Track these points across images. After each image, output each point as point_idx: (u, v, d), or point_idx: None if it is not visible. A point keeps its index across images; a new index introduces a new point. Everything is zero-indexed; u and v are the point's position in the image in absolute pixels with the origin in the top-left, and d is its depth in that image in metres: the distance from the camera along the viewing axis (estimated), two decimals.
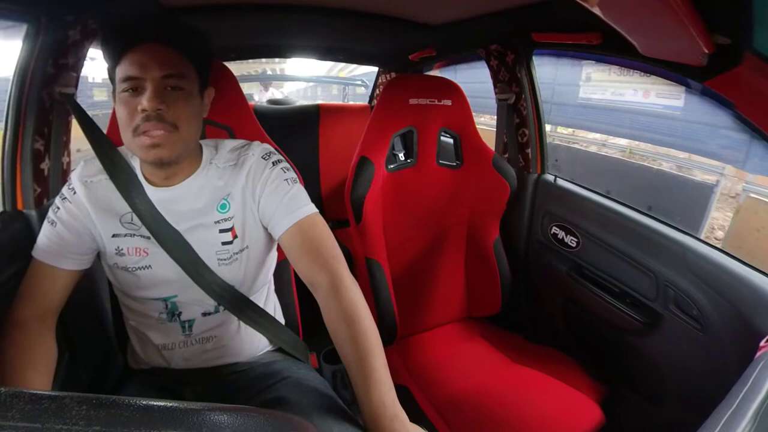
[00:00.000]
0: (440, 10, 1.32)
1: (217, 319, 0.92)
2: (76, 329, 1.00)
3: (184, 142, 0.79)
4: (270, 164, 0.89)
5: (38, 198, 0.99)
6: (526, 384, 1.22)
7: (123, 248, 0.85)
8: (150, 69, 0.74)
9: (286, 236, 0.85)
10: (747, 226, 3.53)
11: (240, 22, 1.51)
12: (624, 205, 1.29)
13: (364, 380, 0.70)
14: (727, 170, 4.18)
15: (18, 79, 0.94)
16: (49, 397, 0.28)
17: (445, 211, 1.49)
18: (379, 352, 0.73)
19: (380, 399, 0.68)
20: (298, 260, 0.84)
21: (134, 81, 0.75)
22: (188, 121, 0.78)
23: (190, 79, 0.79)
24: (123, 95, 0.76)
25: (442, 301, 1.53)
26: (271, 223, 0.87)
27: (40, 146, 0.99)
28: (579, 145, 6.49)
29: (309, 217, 0.86)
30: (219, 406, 0.32)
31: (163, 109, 0.74)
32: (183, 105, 0.77)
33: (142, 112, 0.73)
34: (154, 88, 0.74)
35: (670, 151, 5.37)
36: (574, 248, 1.39)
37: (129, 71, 0.75)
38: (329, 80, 6.34)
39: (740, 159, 4.00)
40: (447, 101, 1.39)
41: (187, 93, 0.79)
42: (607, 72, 6.12)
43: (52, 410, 0.27)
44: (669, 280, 1.12)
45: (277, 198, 0.86)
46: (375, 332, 0.76)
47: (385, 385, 0.70)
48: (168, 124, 0.75)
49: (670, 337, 1.14)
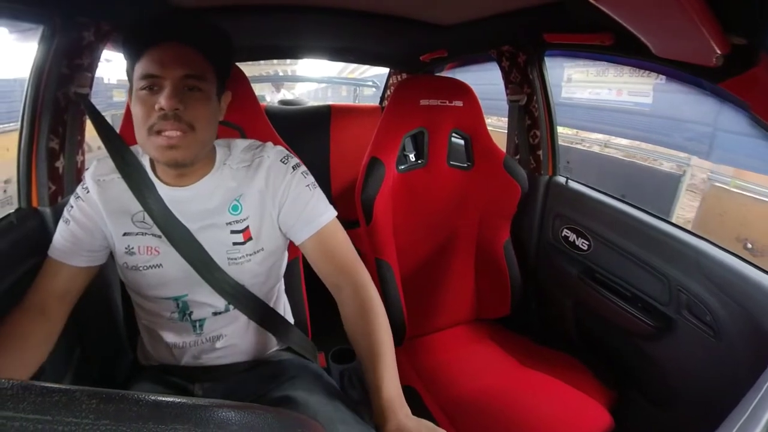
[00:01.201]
0: (452, 11, 1.32)
1: (228, 318, 0.93)
2: (88, 325, 1.02)
3: (200, 144, 0.79)
4: (290, 169, 0.89)
5: (53, 195, 1.01)
6: (534, 387, 1.21)
7: (134, 247, 0.85)
8: (170, 68, 0.74)
9: (308, 243, 0.89)
10: (712, 212, 3.92)
11: (252, 23, 1.51)
12: (637, 208, 1.27)
13: (377, 373, 0.75)
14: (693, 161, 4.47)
15: (34, 79, 0.96)
16: (60, 391, 0.28)
17: (455, 212, 1.48)
18: (391, 348, 0.80)
19: (391, 391, 0.73)
20: (320, 265, 0.89)
21: (153, 79, 0.74)
22: (205, 123, 0.78)
23: (209, 80, 0.79)
24: (140, 93, 0.75)
25: (451, 302, 1.52)
26: (293, 230, 0.89)
27: (55, 145, 1.01)
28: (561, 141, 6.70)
29: (329, 224, 0.89)
30: (227, 403, 0.32)
31: (181, 110, 0.73)
32: (201, 106, 0.77)
33: (159, 111, 0.73)
34: (173, 88, 0.73)
35: (642, 144, 5.72)
36: (585, 251, 1.38)
37: (148, 69, 0.74)
38: (340, 81, 6.35)
39: (704, 150, 4.34)
40: (458, 102, 1.38)
41: (206, 95, 0.78)
42: (585, 73, 6.58)
43: (62, 403, 0.27)
44: (682, 285, 1.10)
45: (299, 206, 0.88)
46: (388, 329, 0.82)
47: (395, 379, 0.76)
48: (184, 125, 0.74)
49: (682, 343, 1.12)
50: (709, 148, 4.35)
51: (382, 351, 0.78)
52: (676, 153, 4.81)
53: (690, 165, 4.38)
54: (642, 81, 5.62)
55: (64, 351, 0.84)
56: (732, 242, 1.49)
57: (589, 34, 1.11)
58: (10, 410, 0.26)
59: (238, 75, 1.20)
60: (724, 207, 3.84)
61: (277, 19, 1.48)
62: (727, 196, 3.91)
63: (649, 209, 1.25)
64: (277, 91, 5.25)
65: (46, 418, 0.26)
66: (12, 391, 0.27)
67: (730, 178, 4.02)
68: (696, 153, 4.46)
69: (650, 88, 5.58)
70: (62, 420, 0.27)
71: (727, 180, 4.05)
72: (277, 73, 6.11)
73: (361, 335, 0.81)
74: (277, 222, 0.90)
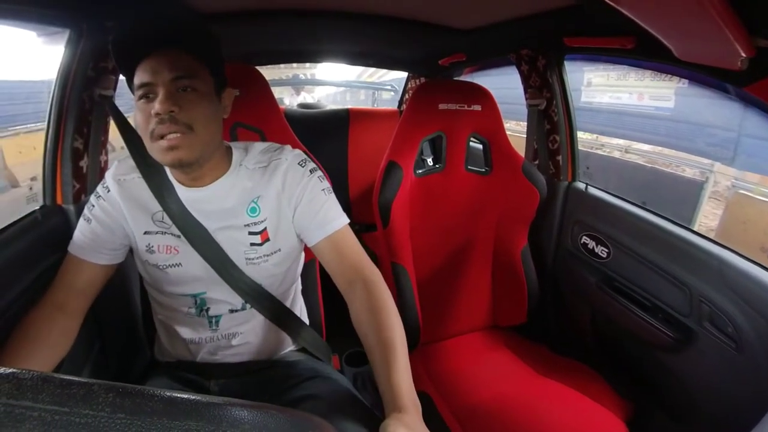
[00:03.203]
0: (471, 15, 1.31)
1: (244, 317, 0.94)
2: (107, 321, 1.05)
3: (201, 143, 0.79)
4: (307, 172, 0.91)
5: (76, 194, 1.04)
6: (550, 397, 1.19)
7: (153, 245, 0.88)
8: (160, 73, 0.75)
9: (320, 246, 0.90)
10: (735, 220, 3.79)
11: (272, 28, 1.53)
12: (658, 216, 1.24)
13: (387, 367, 0.72)
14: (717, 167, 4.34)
15: (60, 81, 0.99)
16: (78, 383, 0.29)
17: (472, 217, 1.47)
18: (402, 344, 0.76)
19: (400, 385, 0.70)
20: (333, 265, 0.90)
21: (147, 87, 0.76)
22: (203, 122, 0.78)
23: (202, 79, 0.80)
24: (139, 103, 0.77)
25: (466, 308, 1.51)
26: (306, 232, 0.91)
27: (80, 145, 1.04)
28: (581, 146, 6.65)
29: (341, 230, 0.90)
30: (240, 402, 0.33)
31: (176, 111, 0.75)
32: (196, 106, 0.77)
33: (156, 116, 0.74)
34: (166, 91, 0.75)
35: (663, 150, 5.60)
36: (604, 259, 1.35)
37: (142, 78, 0.76)
38: (359, 85, 6.37)
39: (728, 156, 4.21)
40: (477, 106, 1.37)
41: (201, 94, 0.79)
42: (606, 77, 6.50)
43: (80, 396, 0.28)
44: (704, 295, 1.07)
45: (313, 209, 0.89)
46: (400, 326, 0.79)
47: (406, 373, 0.72)
48: (182, 126, 0.76)
49: (703, 355, 1.09)
50: (733, 153, 4.24)
51: (394, 344, 0.75)
52: (699, 159, 4.68)
53: (713, 171, 4.25)
54: (663, 85, 5.53)
55: (83, 345, 0.86)
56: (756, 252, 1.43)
57: (610, 37, 1.09)
58: (30, 400, 0.27)
59: (258, 78, 1.21)
60: (747, 215, 3.72)
61: (297, 24, 1.49)
62: (750, 203, 3.78)
63: (669, 217, 1.22)
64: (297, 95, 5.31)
65: (63, 410, 0.27)
66: (32, 382, 0.28)
67: (754, 185, 3.90)
68: (719, 159, 4.33)
69: (672, 92, 5.48)
70: (79, 412, 0.27)
71: (751, 187, 3.91)
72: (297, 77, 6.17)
73: (372, 330, 0.78)
74: (292, 222, 0.91)
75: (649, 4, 0.61)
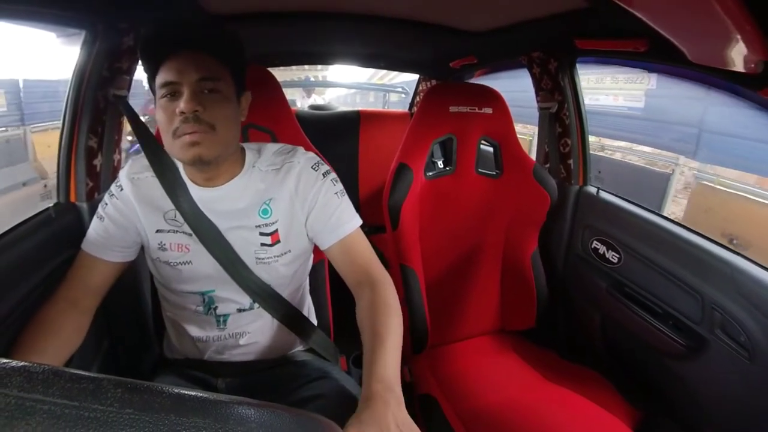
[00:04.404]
0: (482, 17, 1.31)
1: (252, 316, 0.95)
2: (118, 317, 1.06)
3: (222, 143, 0.81)
4: (320, 176, 0.91)
5: (90, 192, 1.06)
6: (557, 403, 1.17)
7: (165, 243, 0.89)
8: (186, 73, 0.77)
9: (333, 248, 0.91)
10: (698, 208, 4.19)
11: (284, 30, 1.54)
12: (670, 221, 1.22)
13: (371, 355, 0.72)
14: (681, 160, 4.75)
15: (75, 81, 1.01)
16: (88, 378, 0.29)
17: (482, 220, 1.46)
18: (394, 336, 0.76)
19: (373, 373, 0.69)
20: (343, 267, 0.91)
21: (172, 86, 0.78)
22: (225, 123, 0.81)
23: (225, 82, 0.82)
24: (162, 101, 0.79)
25: (475, 312, 1.50)
26: (319, 235, 0.92)
27: (94, 144, 1.06)
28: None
29: (353, 233, 0.91)
30: (247, 401, 0.33)
31: (200, 111, 0.77)
32: (219, 107, 0.80)
33: (180, 115, 0.76)
34: (191, 92, 0.77)
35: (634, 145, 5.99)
36: (615, 264, 1.34)
37: (167, 77, 0.78)
38: (369, 87, 6.40)
39: (691, 150, 4.65)
40: (488, 109, 1.37)
41: (223, 96, 0.81)
42: (586, 80, 6.95)
43: (89, 390, 0.28)
44: (716, 303, 1.05)
45: (327, 213, 0.90)
46: (398, 323, 0.80)
47: (388, 361, 0.71)
48: (205, 125, 0.78)
49: (715, 364, 1.07)
50: (695, 147, 4.71)
51: (383, 335, 0.75)
52: (668, 154, 5.09)
53: (678, 164, 4.68)
54: (635, 87, 5.93)
55: (93, 341, 0.87)
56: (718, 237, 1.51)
57: (622, 39, 1.08)
58: (40, 393, 0.27)
59: (270, 80, 1.22)
60: (710, 203, 4.09)
61: (309, 26, 1.50)
62: (712, 193, 4.15)
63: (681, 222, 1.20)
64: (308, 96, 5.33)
65: (73, 404, 0.27)
66: (42, 375, 0.28)
67: (715, 176, 4.33)
68: (683, 153, 4.73)
69: (642, 93, 5.85)
70: (88, 407, 0.27)
71: (713, 177, 4.34)
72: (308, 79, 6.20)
73: (368, 325, 0.79)
74: (305, 226, 0.92)
75: (662, 7, 0.60)
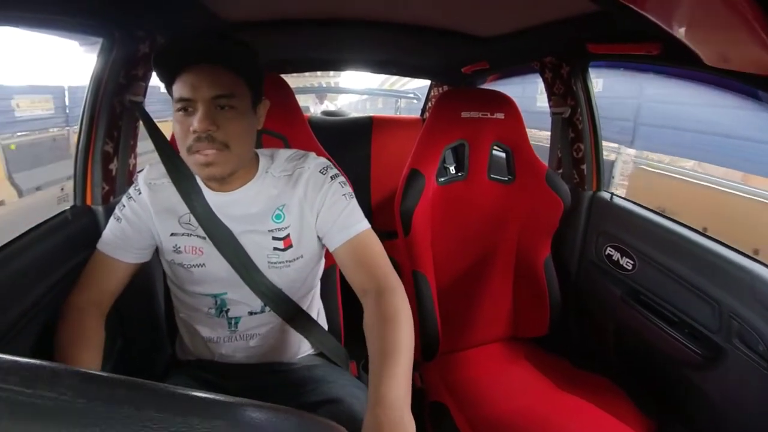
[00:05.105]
0: (494, 23, 1.31)
1: (263, 319, 0.95)
2: (131, 319, 1.07)
3: (236, 159, 0.82)
4: (328, 178, 0.92)
5: (105, 195, 1.07)
6: (570, 412, 1.16)
7: (180, 246, 0.90)
8: (200, 90, 0.76)
9: (341, 250, 0.89)
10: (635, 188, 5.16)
11: (297, 37, 1.56)
12: (686, 227, 1.20)
13: (381, 374, 0.66)
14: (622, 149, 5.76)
15: (93, 87, 1.03)
16: (47, 368, 0.29)
17: (494, 226, 1.45)
18: (406, 354, 0.71)
19: (389, 396, 0.63)
20: (351, 272, 0.88)
21: (186, 102, 0.77)
22: (239, 140, 0.80)
23: (241, 96, 0.81)
24: (177, 115, 0.79)
25: (487, 319, 1.49)
26: (327, 236, 0.91)
27: (110, 148, 1.08)
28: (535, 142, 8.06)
29: (362, 233, 0.89)
30: (255, 403, 0.32)
31: (213, 130, 0.77)
32: (234, 124, 0.79)
33: (193, 133, 0.76)
34: (205, 110, 0.76)
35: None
36: (629, 271, 1.31)
37: (181, 93, 0.78)
38: (381, 93, 6.41)
39: (629, 140, 5.65)
40: (500, 114, 1.36)
41: (239, 111, 0.80)
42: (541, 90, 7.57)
43: (46, 379, 0.28)
44: (734, 311, 1.03)
45: (334, 213, 0.89)
46: (409, 336, 0.74)
47: (401, 385, 0.65)
48: (219, 144, 0.77)
49: (732, 374, 1.05)
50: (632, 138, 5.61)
51: (393, 357, 0.69)
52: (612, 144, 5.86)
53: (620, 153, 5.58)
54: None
55: (106, 342, 0.88)
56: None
57: (635, 43, 1.07)
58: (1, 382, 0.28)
59: (283, 86, 1.23)
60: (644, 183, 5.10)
61: (322, 33, 1.51)
62: (646, 175, 5.13)
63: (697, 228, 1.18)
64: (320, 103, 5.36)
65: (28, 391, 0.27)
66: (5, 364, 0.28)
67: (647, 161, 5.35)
68: (623, 143, 5.65)
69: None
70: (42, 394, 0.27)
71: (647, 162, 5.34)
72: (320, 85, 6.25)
73: (377, 337, 0.74)
74: (315, 228, 0.92)
75: (676, 10, 0.59)
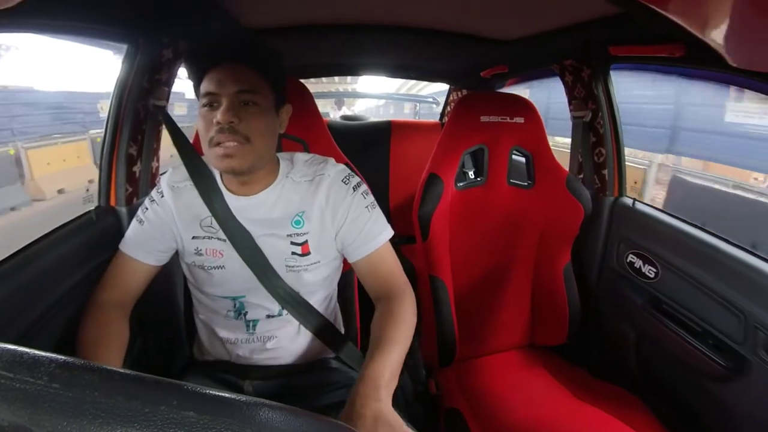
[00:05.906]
0: (513, 26, 1.29)
1: (280, 322, 0.96)
2: (150, 318, 1.09)
3: (256, 154, 0.83)
4: (351, 190, 0.93)
5: (129, 197, 1.10)
6: (588, 424, 1.13)
7: (201, 249, 0.92)
8: (225, 85, 0.80)
9: (361, 262, 0.94)
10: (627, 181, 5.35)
11: (316, 42, 1.57)
12: (711, 234, 1.16)
13: (371, 357, 0.76)
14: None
15: (117, 91, 1.06)
16: (29, 354, 0.30)
17: (514, 232, 1.43)
18: (399, 346, 0.80)
19: (372, 372, 0.73)
20: (368, 280, 0.95)
21: (212, 96, 0.81)
22: (260, 135, 0.83)
23: (263, 95, 0.84)
24: (202, 110, 0.83)
25: (504, 325, 1.47)
26: (349, 249, 0.94)
27: (134, 151, 1.10)
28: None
29: (382, 247, 0.94)
30: (270, 404, 0.33)
31: (236, 122, 0.79)
32: (255, 119, 0.82)
33: (216, 125, 0.79)
34: (229, 103, 0.80)
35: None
36: (652, 279, 1.28)
37: (208, 88, 0.82)
38: (400, 97, 6.44)
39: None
40: (519, 119, 1.34)
41: (261, 108, 0.83)
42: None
43: (27, 364, 0.29)
44: (760, 322, 0.99)
45: (357, 228, 0.92)
46: (406, 334, 0.83)
47: (386, 368, 0.75)
48: (240, 136, 0.80)
49: (757, 387, 1.01)
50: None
51: (387, 341, 0.79)
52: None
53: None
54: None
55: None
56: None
57: (658, 45, 1.04)
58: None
59: (303, 91, 1.25)
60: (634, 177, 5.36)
61: (341, 38, 1.52)
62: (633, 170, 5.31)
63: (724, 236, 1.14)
64: (339, 108, 5.41)
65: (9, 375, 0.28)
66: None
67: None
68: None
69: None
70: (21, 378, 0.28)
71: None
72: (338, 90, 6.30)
73: (377, 330, 0.83)
74: (335, 239, 0.94)
75: (701, 10, 0.58)
